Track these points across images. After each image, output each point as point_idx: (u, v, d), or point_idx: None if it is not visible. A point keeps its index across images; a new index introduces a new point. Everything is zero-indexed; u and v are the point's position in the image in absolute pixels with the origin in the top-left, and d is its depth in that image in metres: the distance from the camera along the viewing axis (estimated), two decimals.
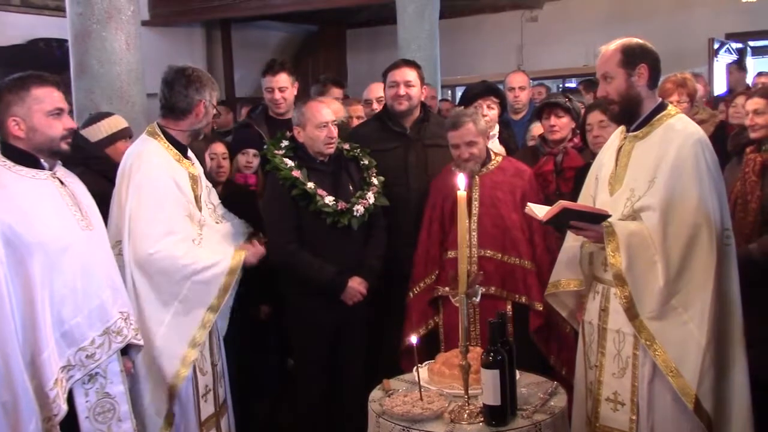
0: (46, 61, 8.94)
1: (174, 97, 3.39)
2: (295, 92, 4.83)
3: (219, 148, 4.26)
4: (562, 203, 3.03)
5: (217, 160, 4.24)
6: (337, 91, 5.23)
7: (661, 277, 2.90)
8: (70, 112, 2.96)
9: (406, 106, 4.21)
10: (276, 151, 3.93)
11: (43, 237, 2.70)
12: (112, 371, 2.93)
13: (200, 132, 3.58)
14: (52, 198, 2.82)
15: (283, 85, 4.75)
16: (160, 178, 3.33)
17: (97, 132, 3.97)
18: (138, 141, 3.56)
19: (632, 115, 3.10)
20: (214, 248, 3.45)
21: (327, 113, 3.89)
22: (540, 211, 3.14)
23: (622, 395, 3.04)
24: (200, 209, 3.51)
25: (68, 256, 2.77)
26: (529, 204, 3.24)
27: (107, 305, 2.90)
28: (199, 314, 3.34)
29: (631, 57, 3.04)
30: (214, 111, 3.54)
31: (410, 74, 4.23)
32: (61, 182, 2.91)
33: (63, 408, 2.71)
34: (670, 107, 3.14)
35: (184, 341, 3.30)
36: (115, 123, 4.04)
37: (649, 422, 2.98)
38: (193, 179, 3.50)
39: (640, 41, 3.11)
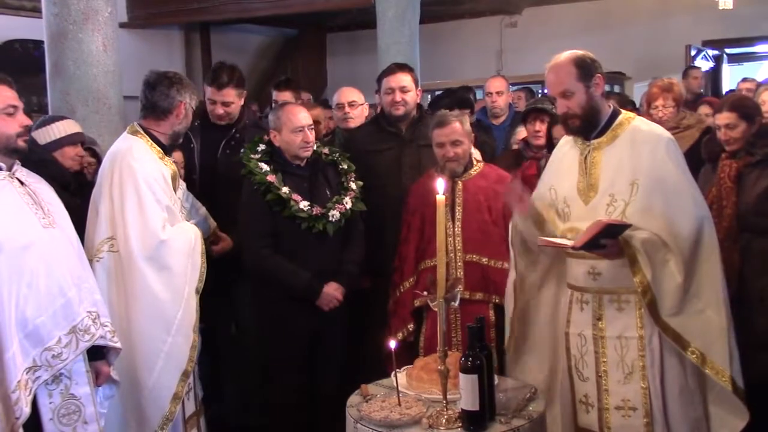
0: (22, 63, 8.85)
1: (155, 97, 3.49)
2: (242, 101, 4.41)
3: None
4: (603, 221, 2.93)
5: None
6: (285, 94, 5.06)
7: (678, 275, 2.94)
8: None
9: (403, 111, 4.28)
10: (252, 155, 3.90)
11: (1, 236, 2.65)
12: (77, 372, 2.87)
13: (180, 135, 3.65)
14: (11, 197, 2.76)
15: (228, 101, 4.28)
16: (153, 173, 3.42)
17: (46, 135, 3.93)
18: (120, 140, 3.60)
19: (594, 125, 3.12)
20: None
21: (303, 117, 3.87)
22: (565, 240, 3.04)
23: (632, 400, 3.03)
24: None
25: (30, 255, 2.72)
26: (541, 238, 3.13)
27: (73, 304, 2.84)
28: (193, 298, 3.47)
29: (586, 69, 3.07)
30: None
31: (405, 79, 4.30)
32: (21, 182, 2.85)
33: (25, 411, 2.64)
34: (624, 112, 3.19)
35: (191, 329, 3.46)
36: (65, 127, 4.00)
37: (661, 401, 2.99)
38: (173, 178, 3.57)
39: (584, 52, 3.12)
